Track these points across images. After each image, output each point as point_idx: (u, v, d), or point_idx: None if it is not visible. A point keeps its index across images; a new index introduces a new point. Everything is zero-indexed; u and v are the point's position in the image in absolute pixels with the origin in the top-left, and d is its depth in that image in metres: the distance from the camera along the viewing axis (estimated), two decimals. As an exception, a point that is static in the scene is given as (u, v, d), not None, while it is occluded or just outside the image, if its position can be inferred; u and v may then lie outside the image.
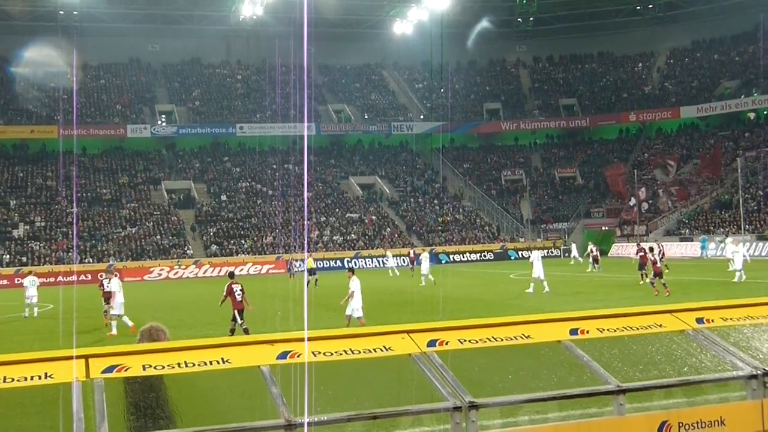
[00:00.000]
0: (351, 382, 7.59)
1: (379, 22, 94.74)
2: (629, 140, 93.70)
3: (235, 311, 23.11)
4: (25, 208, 73.98)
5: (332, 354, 7.10)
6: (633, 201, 78.12)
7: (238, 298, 23.09)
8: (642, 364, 7.93)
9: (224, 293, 23.43)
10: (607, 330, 7.97)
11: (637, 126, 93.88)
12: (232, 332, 22.60)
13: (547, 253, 70.24)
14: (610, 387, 7.16)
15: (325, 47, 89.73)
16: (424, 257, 47.48)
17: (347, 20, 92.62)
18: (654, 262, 33.90)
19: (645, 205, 78.42)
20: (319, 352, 7.08)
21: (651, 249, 36.92)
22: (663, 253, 49.02)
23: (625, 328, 8.04)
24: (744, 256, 38.38)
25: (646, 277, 37.52)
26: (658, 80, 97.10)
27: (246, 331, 22.40)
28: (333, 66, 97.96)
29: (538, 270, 35.86)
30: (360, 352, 7.18)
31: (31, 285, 35.03)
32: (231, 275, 25.06)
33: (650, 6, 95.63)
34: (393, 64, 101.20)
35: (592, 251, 53.99)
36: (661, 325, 8.17)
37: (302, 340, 7.25)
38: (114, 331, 26.32)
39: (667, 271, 44.92)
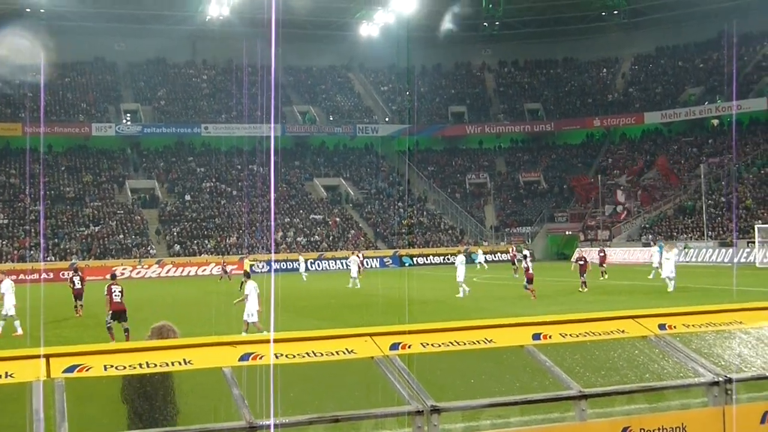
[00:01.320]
0: (313, 385, 7.57)
1: (346, 24, 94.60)
2: (594, 145, 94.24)
3: (112, 312, 23.85)
4: (-14, 206, 73.16)
5: (295, 356, 7.07)
6: (616, 205, 79.19)
7: (116, 299, 23.89)
8: (604, 369, 7.95)
9: (105, 294, 24.12)
10: (570, 335, 7.98)
11: (601, 131, 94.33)
12: (110, 329, 23.71)
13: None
14: (572, 392, 7.16)
15: (292, 48, 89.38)
16: (353, 260, 47.20)
17: (314, 22, 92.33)
18: (527, 269, 34.56)
19: (620, 208, 79.04)
20: (282, 354, 7.05)
21: (525, 257, 37.92)
22: (605, 258, 48.73)
23: (588, 334, 8.05)
24: (673, 263, 36.72)
25: (585, 286, 37.63)
26: (623, 86, 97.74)
27: (126, 332, 23.33)
28: (299, 67, 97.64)
29: (460, 273, 36.65)
30: (323, 355, 7.16)
31: None
32: (113, 276, 26.45)
33: (615, 12, 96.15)
34: (359, 66, 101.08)
35: (510, 250, 53.66)
36: (623, 331, 8.18)
37: (265, 342, 7.21)
38: None
39: (605, 277, 45.13)
